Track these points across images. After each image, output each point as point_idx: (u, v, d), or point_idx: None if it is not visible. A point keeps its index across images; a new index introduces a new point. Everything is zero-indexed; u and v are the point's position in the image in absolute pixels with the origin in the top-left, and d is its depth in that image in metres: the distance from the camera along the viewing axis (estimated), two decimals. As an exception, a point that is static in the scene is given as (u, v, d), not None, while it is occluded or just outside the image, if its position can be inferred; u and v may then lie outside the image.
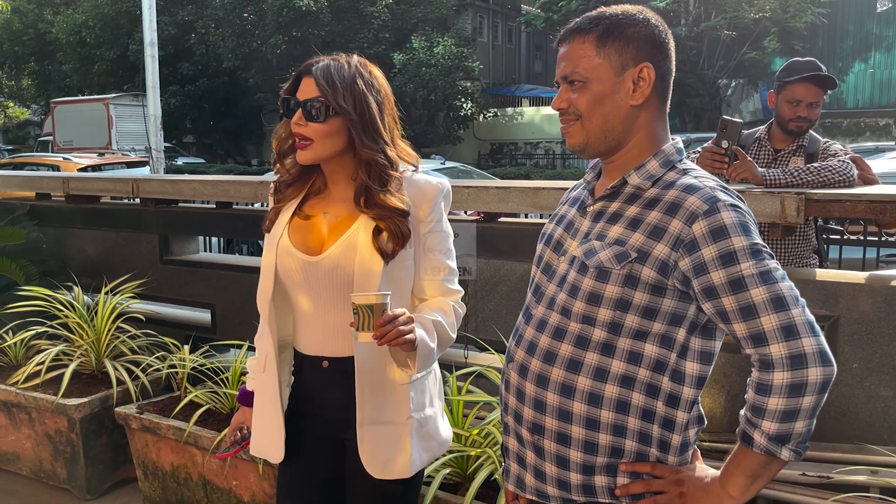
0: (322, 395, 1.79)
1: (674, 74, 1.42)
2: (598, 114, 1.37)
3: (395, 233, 1.69)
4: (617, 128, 1.37)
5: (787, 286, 1.26)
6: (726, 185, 1.36)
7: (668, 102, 1.42)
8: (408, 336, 1.54)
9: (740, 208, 1.30)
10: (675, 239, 1.29)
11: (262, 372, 1.82)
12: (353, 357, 1.71)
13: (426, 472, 2.35)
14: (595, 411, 1.36)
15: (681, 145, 1.43)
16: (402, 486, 1.78)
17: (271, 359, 1.78)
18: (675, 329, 1.34)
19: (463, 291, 1.83)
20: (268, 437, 1.81)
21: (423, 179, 1.77)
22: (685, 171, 1.38)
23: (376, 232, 1.69)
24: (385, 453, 1.73)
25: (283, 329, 1.80)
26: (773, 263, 1.27)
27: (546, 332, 1.42)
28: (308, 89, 1.68)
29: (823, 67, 3.05)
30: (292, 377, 1.83)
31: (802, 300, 1.27)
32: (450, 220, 1.83)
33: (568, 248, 1.45)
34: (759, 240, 1.29)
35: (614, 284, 1.33)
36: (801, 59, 3.12)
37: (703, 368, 1.36)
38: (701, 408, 1.43)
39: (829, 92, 3.07)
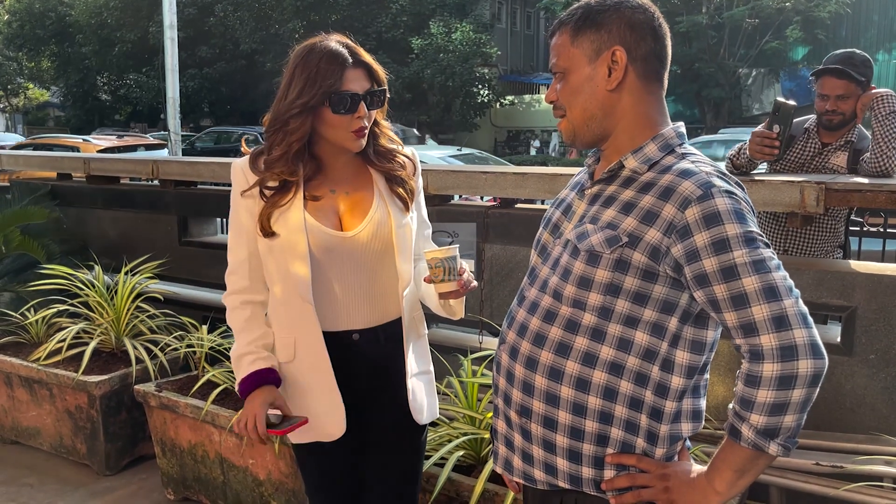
0: (351, 367, 1.82)
1: (668, 55, 1.39)
2: (576, 103, 1.38)
3: (405, 187, 1.83)
4: (597, 115, 1.37)
5: (781, 276, 1.23)
6: (725, 172, 1.33)
7: (663, 85, 1.40)
8: (474, 281, 1.73)
9: (736, 195, 1.28)
10: (668, 224, 1.27)
11: (293, 361, 1.80)
12: (380, 326, 1.83)
13: (439, 455, 2.38)
14: (582, 396, 1.35)
15: (682, 129, 1.40)
16: (423, 431, 1.94)
17: (314, 341, 1.75)
18: (666, 317, 1.32)
19: None
20: (323, 419, 1.80)
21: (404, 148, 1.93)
22: (683, 156, 1.35)
23: (392, 194, 1.82)
24: (426, 399, 1.91)
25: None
26: (767, 252, 1.25)
27: (537, 315, 1.41)
28: (359, 80, 1.70)
29: (867, 58, 2.94)
30: None
31: (796, 291, 1.24)
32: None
33: (564, 231, 1.45)
34: (754, 228, 1.26)
35: (604, 269, 1.32)
36: (837, 51, 3.02)
37: (695, 358, 1.33)
38: (702, 403, 1.39)
39: (866, 82, 2.90)
